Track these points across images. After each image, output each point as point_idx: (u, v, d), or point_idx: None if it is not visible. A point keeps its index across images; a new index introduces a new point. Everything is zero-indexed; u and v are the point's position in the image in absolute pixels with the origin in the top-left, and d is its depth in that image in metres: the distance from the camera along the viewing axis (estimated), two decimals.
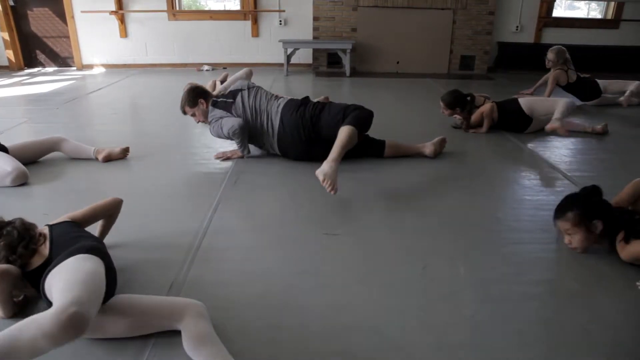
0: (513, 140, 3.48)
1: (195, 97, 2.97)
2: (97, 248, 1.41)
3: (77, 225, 1.60)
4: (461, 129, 3.72)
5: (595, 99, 4.67)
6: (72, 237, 1.47)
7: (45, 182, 2.59)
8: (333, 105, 2.85)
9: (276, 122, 2.84)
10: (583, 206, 1.82)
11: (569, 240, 1.86)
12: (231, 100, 2.92)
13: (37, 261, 1.44)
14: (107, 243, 1.90)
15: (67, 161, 2.91)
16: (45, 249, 1.46)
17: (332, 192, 2.24)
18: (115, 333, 1.34)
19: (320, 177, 2.25)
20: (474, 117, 3.66)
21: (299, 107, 2.83)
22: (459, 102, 3.66)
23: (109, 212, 1.81)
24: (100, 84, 5.82)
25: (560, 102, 3.51)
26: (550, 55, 4.65)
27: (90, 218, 1.70)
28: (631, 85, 4.48)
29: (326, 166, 2.29)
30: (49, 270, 1.29)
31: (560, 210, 1.88)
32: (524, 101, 3.61)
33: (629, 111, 4.41)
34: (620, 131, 3.79)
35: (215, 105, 2.95)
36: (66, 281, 1.19)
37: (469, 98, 3.67)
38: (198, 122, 3.14)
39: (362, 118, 2.64)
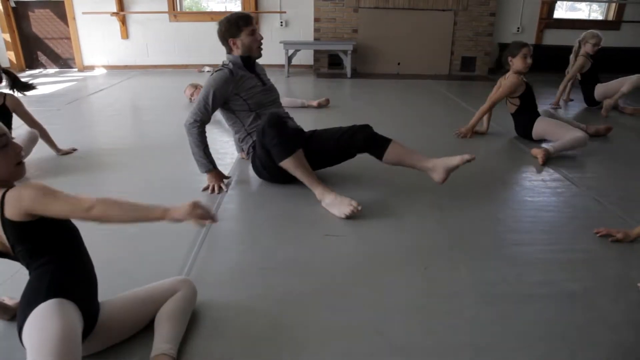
0: (514, 141, 3.48)
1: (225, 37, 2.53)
2: (57, 284, 1.17)
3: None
4: (461, 133, 3.68)
5: (594, 106, 4.65)
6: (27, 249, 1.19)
7: (43, 181, 2.58)
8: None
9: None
10: None
11: None
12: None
13: None
14: (107, 244, 1.91)
15: (67, 161, 2.91)
16: None
17: (360, 207, 2.16)
18: (121, 337, 1.34)
19: (348, 211, 2.15)
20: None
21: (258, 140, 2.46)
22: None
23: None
24: (102, 85, 5.83)
25: (569, 135, 3.12)
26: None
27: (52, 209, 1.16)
28: (624, 87, 4.34)
29: (330, 199, 2.23)
30: (21, 326, 1.14)
31: None
32: (540, 126, 3.36)
33: (634, 119, 4.41)
34: (622, 133, 3.79)
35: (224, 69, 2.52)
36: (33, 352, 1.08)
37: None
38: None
39: (279, 144, 2.27)
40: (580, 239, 2.04)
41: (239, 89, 2.53)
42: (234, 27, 2.49)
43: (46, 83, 5.98)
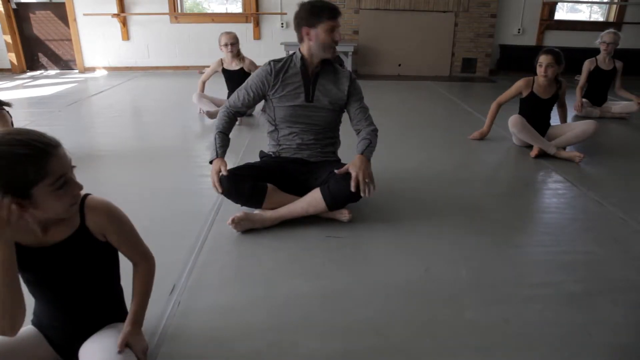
0: (516, 144, 3.47)
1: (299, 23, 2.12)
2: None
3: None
4: (465, 137, 3.69)
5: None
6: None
7: None
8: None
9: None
10: None
11: None
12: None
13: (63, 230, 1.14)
14: None
15: None
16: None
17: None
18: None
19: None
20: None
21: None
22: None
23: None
24: (102, 87, 5.84)
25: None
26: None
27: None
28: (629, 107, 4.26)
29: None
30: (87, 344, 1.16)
31: None
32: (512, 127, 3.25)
33: (635, 118, 4.41)
34: (623, 134, 3.79)
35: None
36: None
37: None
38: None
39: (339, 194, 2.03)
40: (581, 240, 2.04)
41: (273, 91, 2.16)
42: (314, 15, 2.06)
43: (47, 85, 6.00)
